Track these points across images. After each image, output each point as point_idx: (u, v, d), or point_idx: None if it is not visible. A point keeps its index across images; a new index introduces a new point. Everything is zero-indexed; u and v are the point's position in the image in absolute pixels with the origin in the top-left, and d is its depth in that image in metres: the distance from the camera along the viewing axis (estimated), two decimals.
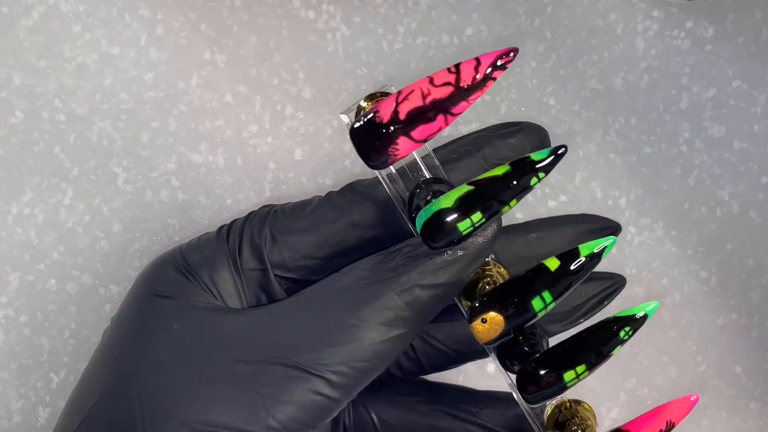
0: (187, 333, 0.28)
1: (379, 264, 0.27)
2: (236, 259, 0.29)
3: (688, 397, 0.30)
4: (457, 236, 0.26)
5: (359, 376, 0.27)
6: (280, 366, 0.26)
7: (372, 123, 0.26)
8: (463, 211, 0.26)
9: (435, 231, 0.26)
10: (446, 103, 0.26)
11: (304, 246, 0.29)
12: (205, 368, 0.27)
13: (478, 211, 0.26)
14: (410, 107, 0.26)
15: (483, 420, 0.32)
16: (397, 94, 0.26)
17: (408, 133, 0.26)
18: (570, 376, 0.28)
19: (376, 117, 0.26)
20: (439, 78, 0.26)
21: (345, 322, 0.27)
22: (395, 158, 0.26)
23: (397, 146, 0.26)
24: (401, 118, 0.26)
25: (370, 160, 0.27)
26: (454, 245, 0.27)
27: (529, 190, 0.27)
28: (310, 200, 0.30)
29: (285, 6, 0.35)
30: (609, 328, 0.28)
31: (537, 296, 0.27)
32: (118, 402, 0.27)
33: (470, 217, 0.26)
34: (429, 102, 0.26)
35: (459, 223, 0.26)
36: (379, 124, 0.26)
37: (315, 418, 0.27)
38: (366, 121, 0.26)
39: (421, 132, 0.26)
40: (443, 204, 0.26)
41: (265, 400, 0.26)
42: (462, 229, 0.26)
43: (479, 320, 0.27)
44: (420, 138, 0.26)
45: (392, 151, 0.26)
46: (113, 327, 0.30)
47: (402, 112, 0.26)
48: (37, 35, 0.35)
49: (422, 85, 0.26)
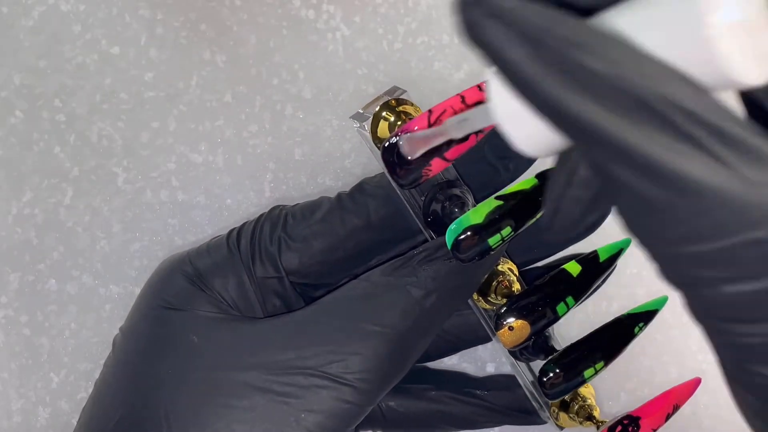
0: (208, 346, 0.27)
1: (399, 269, 0.28)
2: (250, 267, 0.29)
3: (693, 380, 0.31)
4: (487, 250, 0.26)
5: (384, 382, 0.27)
6: (308, 376, 0.26)
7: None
8: (493, 228, 0.26)
9: (467, 247, 0.26)
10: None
11: (317, 251, 0.29)
12: (230, 381, 0.27)
13: (508, 226, 0.26)
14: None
15: (489, 402, 0.33)
16: (428, 113, 0.25)
17: (442, 155, 0.26)
18: (590, 373, 0.29)
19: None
20: (471, 96, 0.25)
21: (369, 329, 0.27)
22: (426, 178, 0.26)
23: (430, 167, 0.26)
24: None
25: (401, 179, 0.26)
26: (482, 257, 0.27)
27: None
28: (320, 202, 0.30)
29: (285, 6, 0.35)
30: (624, 326, 0.30)
31: (561, 302, 0.28)
32: (144, 420, 0.27)
33: (500, 232, 0.26)
34: None
35: (489, 239, 0.26)
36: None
37: (343, 425, 0.27)
38: (399, 143, 0.26)
39: (454, 152, 0.26)
40: (473, 220, 0.26)
41: (295, 411, 0.26)
42: (492, 244, 0.26)
43: (506, 328, 0.28)
44: (452, 158, 0.26)
45: (425, 171, 0.26)
46: (127, 341, 0.29)
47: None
48: (37, 35, 0.35)
49: (454, 104, 0.25)
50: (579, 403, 0.31)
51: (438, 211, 0.28)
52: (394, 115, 0.28)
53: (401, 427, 0.33)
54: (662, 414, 0.30)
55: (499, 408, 0.32)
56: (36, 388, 0.34)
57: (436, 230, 0.29)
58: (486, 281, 0.29)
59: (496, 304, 0.29)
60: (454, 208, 0.28)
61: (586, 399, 0.31)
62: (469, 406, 0.32)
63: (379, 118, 0.28)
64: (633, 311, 0.30)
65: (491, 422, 0.33)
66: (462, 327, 0.32)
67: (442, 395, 0.32)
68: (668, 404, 0.30)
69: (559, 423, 0.32)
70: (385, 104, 0.28)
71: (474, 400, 0.32)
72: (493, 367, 0.35)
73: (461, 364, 0.36)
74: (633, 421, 0.29)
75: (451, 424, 0.33)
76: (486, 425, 0.33)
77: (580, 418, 0.31)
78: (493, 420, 0.33)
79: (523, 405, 0.32)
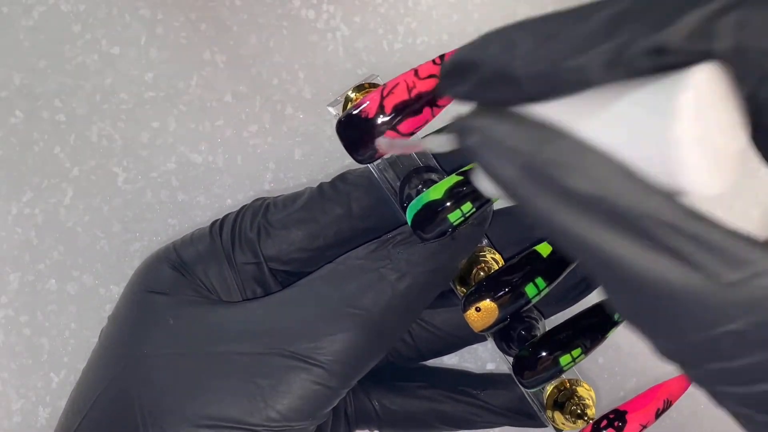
0: (184, 327, 0.28)
1: (374, 252, 0.27)
2: (230, 254, 0.29)
3: (684, 376, 0.30)
4: (448, 227, 0.26)
5: (357, 365, 0.27)
6: (278, 356, 0.26)
7: (358, 117, 0.26)
8: (453, 202, 0.26)
9: (426, 223, 0.26)
10: (432, 95, 0.25)
11: (297, 239, 0.29)
12: (203, 362, 0.27)
13: (468, 201, 0.26)
14: (396, 101, 0.25)
15: (484, 401, 0.32)
16: (382, 87, 0.26)
17: (395, 127, 0.26)
18: (566, 360, 0.28)
19: (362, 111, 0.26)
20: (424, 70, 0.25)
21: (341, 311, 0.27)
22: (382, 152, 0.26)
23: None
24: (387, 111, 0.25)
25: (356, 154, 0.26)
26: (446, 236, 0.27)
27: None
28: (302, 192, 0.30)
29: (285, 6, 0.35)
30: (603, 311, 0.29)
31: (530, 283, 0.27)
32: (119, 400, 0.27)
33: (460, 207, 0.26)
34: (415, 95, 0.25)
35: (449, 214, 0.26)
36: (365, 118, 0.26)
37: (315, 407, 0.27)
38: (352, 116, 0.26)
39: (408, 125, 0.26)
40: (432, 196, 0.26)
41: (264, 392, 0.26)
42: (453, 220, 0.26)
43: (473, 309, 0.27)
44: (407, 131, 0.26)
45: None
46: (110, 325, 0.30)
47: (388, 106, 0.25)
48: (37, 35, 0.35)
49: (407, 78, 0.25)
50: (574, 402, 0.30)
51: (412, 195, 0.28)
52: (361, 96, 0.28)
53: (396, 426, 0.32)
54: (651, 409, 0.29)
55: (495, 408, 0.32)
56: (36, 388, 0.34)
57: None
58: (467, 270, 0.29)
59: None
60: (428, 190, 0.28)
61: (583, 399, 0.30)
62: (464, 405, 0.32)
63: (349, 100, 0.28)
64: None
65: (486, 422, 0.32)
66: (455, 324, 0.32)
67: (436, 393, 0.32)
68: (657, 399, 0.29)
69: (556, 425, 0.31)
70: (356, 87, 0.28)
71: (468, 399, 0.32)
72: (493, 365, 0.35)
73: (462, 364, 0.36)
74: (619, 416, 0.29)
75: (445, 423, 0.32)
76: (482, 425, 0.32)
77: (573, 417, 0.30)
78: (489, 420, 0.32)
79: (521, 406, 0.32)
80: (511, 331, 0.29)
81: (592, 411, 0.30)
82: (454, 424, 0.32)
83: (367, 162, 0.27)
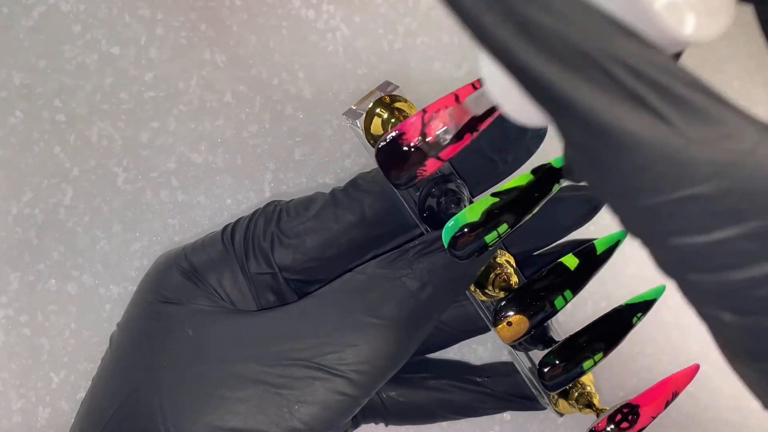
0: (203, 338, 0.28)
1: (394, 262, 0.28)
2: (243, 264, 0.29)
3: (691, 367, 0.31)
4: (483, 247, 0.26)
5: (379, 374, 0.27)
6: (302, 368, 0.27)
7: (399, 145, 0.25)
8: (490, 225, 0.26)
9: (464, 245, 0.26)
10: (474, 122, 0.25)
11: (311, 247, 0.29)
12: (225, 373, 0.27)
13: (504, 222, 0.26)
14: (438, 129, 0.25)
15: (489, 389, 0.33)
16: (422, 113, 0.25)
17: (437, 155, 0.25)
18: (589, 364, 0.29)
19: (403, 139, 0.25)
20: (465, 94, 0.25)
21: (364, 321, 0.27)
22: (422, 177, 0.26)
23: (425, 167, 0.26)
24: (431, 140, 0.25)
25: (397, 180, 0.26)
26: (480, 254, 0.27)
27: (550, 195, 0.27)
28: (314, 198, 0.30)
29: (285, 6, 0.35)
30: (622, 316, 0.30)
31: (559, 296, 0.28)
32: (140, 413, 0.27)
33: (497, 229, 0.26)
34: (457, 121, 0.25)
35: (486, 236, 0.26)
36: (408, 147, 0.25)
37: (338, 417, 0.27)
38: (392, 143, 0.25)
39: (449, 151, 0.25)
40: (469, 218, 0.26)
41: (289, 403, 0.26)
42: (489, 241, 0.26)
43: (505, 323, 0.28)
44: (447, 157, 0.26)
45: (420, 172, 0.26)
46: (122, 335, 0.29)
47: (430, 134, 0.25)
48: (37, 35, 0.35)
49: (448, 102, 0.25)
50: (579, 390, 0.31)
51: (434, 206, 0.28)
52: (387, 111, 0.28)
53: (404, 417, 0.33)
54: (661, 401, 0.30)
55: (499, 394, 0.33)
56: (36, 388, 0.34)
57: (432, 225, 0.28)
58: (483, 273, 0.29)
59: (493, 296, 0.29)
60: (450, 203, 0.28)
61: (586, 386, 0.31)
62: (470, 393, 0.33)
63: (373, 114, 0.28)
64: (631, 301, 0.30)
65: (492, 408, 0.33)
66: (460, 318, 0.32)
67: (442, 383, 0.33)
68: (667, 392, 0.30)
69: (559, 409, 0.32)
70: (378, 101, 0.28)
71: (474, 387, 0.33)
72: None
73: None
74: (632, 410, 0.30)
75: (452, 412, 0.33)
76: (487, 412, 0.33)
77: (580, 405, 0.31)
78: (493, 406, 0.33)
79: (523, 391, 0.32)
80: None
81: (597, 399, 0.32)
82: (461, 412, 0.33)
83: (406, 187, 0.27)
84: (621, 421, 0.29)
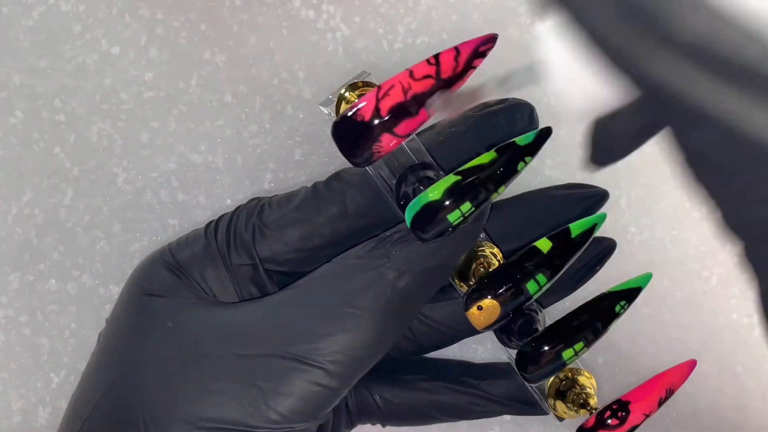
0: (183, 330, 0.28)
1: (371, 251, 0.27)
2: (225, 256, 0.29)
3: (687, 362, 0.30)
4: (448, 227, 0.26)
5: (357, 365, 0.27)
6: (278, 358, 0.26)
7: (353, 120, 0.25)
8: (452, 203, 0.26)
9: (425, 224, 0.26)
10: (428, 96, 0.25)
11: (293, 239, 0.29)
12: (203, 365, 0.27)
13: (467, 201, 0.26)
14: (391, 103, 0.25)
15: (485, 392, 0.32)
16: (377, 89, 0.25)
17: (391, 130, 0.25)
18: (569, 354, 0.28)
19: (357, 114, 0.25)
20: (419, 71, 0.25)
21: (340, 311, 0.27)
22: (379, 155, 0.26)
23: (381, 143, 0.26)
24: (383, 114, 0.25)
25: (353, 157, 0.26)
26: (445, 235, 0.27)
27: (516, 175, 0.27)
28: (297, 192, 0.30)
29: (285, 6, 0.35)
30: (604, 304, 0.28)
31: (531, 279, 0.27)
32: (120, 404, 0.27)
33: (460, 207, 0.26)
34: (410, 96, 0.25)
35: (449, 215, 0.26)
36: (361, 121, 0.25)
37: (316, 408, 0.27)
38: (347, 118, 0.25)
39: (404, 127, 0.25)
40: (431, 196, 0.26)
41: (265, 394, 0.26)
42: (452, 220, 0.26)
43: (475, 308, 0.27)
44: (403, 133, 0.25)
45: (376, 148, 0.26)
46: (108, 329, 0.30)
47: (383, 109, 0.25)
48: (37, 35, 0.35)
49: (402, 79, 0.25)
50: (576, 392, 0.30)
51: (409, 193, 0.27)
52: (356, 96, 0.28)
53: (398, 418, 0.32)
54: (654, 398, 0.29)
55: (495, 398, 0.32)
56: (36, 388, 0.34)
57: None
58: (466, 265, 0.29)
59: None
60: (425, 189, 0.27)
61: (585, 388, 0.30)
62: (464, 395, 0.32)
63: (343, 99, 0.28)
64: (614, 289, 0.29)
65: (488, 412, 0.32)
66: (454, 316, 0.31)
67: (436, 385, 0.32)
68: (660, 388, 0.29)
69: (558, 413, 0.31)
70: (349, 86, 0.28)
71: (470, 390, 0.32)
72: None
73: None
74: (622, 406, 0.28)
75: (447, 414, 0.32)
76: (484, 415, 0.32)
77: (575, 406, 0.30)
78: (489, 409, 0.32)
79: (522, 395, 0.32)
80: (511, 324, 0.29)
81: (594, 400, 0.30)
82: (456, 415, 0.32)
83: (364, 165, 0.27)
84: (610, 418, 0.28)
